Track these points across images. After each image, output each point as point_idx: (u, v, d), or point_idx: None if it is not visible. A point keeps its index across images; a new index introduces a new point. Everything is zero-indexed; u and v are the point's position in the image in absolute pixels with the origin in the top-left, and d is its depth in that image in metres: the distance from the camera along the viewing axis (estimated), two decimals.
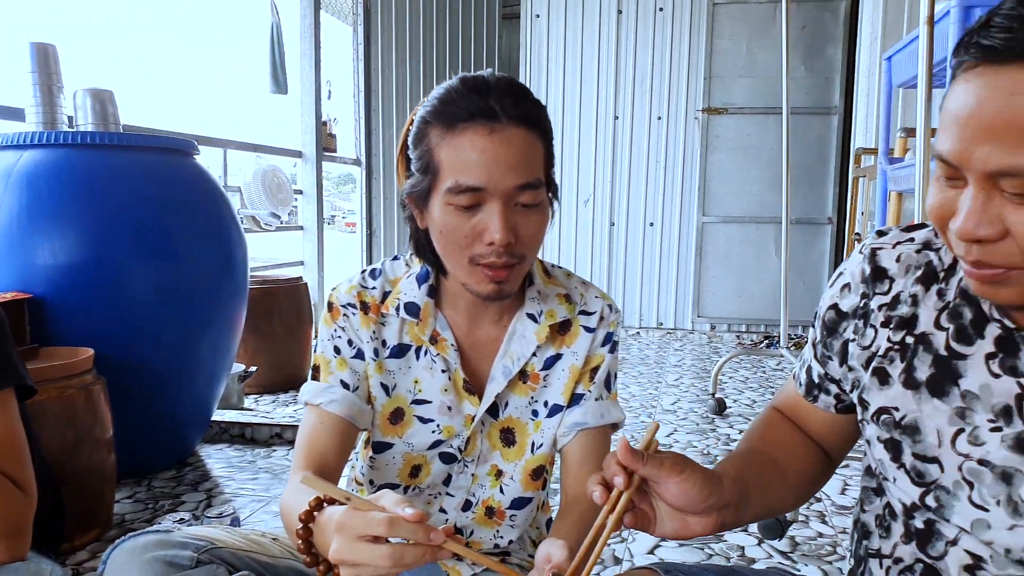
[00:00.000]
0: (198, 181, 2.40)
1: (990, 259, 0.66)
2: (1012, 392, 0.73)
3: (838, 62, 5.20)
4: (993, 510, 0.73)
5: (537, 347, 1.09)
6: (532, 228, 0.97)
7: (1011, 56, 0.60)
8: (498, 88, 0.94)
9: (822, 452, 0.97)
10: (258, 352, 3.39)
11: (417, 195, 0.98)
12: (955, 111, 0.64)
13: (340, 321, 1.08)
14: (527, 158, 0.94)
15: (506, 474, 1.12)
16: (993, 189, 0.63)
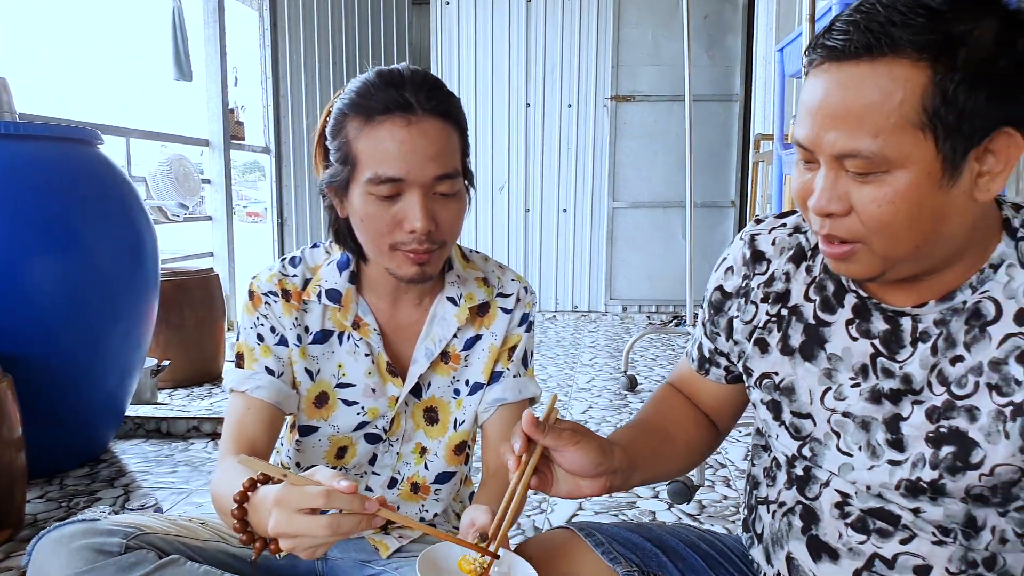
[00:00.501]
0: (103, 171, 2.33)
1: (839, 232, 0.75)
2: (867, 352, 0.84)
3: (738, 51, 5.43)
4: (856, 455, 0.84)
5: (458, 329, 1.13)
6: (451, 216, 1.01)
7: (849, 55, 0.70)
8: (413, 81, 0.98)
9: (711, 424, 1.07)
10: (170, 346, 3.32)
11: (337, 185, 1.01)
12: (807, 102, 0.74)
13: (262, 309, 1.10)
14: (444, 149, 0.98)
15: (430, 451, 1.16)
16: (840, 170, 0.73)
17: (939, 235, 0.73)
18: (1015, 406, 0.75)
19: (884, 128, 0.69)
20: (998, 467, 0.76)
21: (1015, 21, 0.69)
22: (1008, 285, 0.77)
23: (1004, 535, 0.80)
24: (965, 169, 0.70)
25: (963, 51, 0.67)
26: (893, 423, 0.81)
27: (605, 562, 0.94)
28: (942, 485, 0.78)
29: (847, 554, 0.85)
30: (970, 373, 0.77)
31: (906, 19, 0.68)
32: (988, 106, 0.68)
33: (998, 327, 0.76)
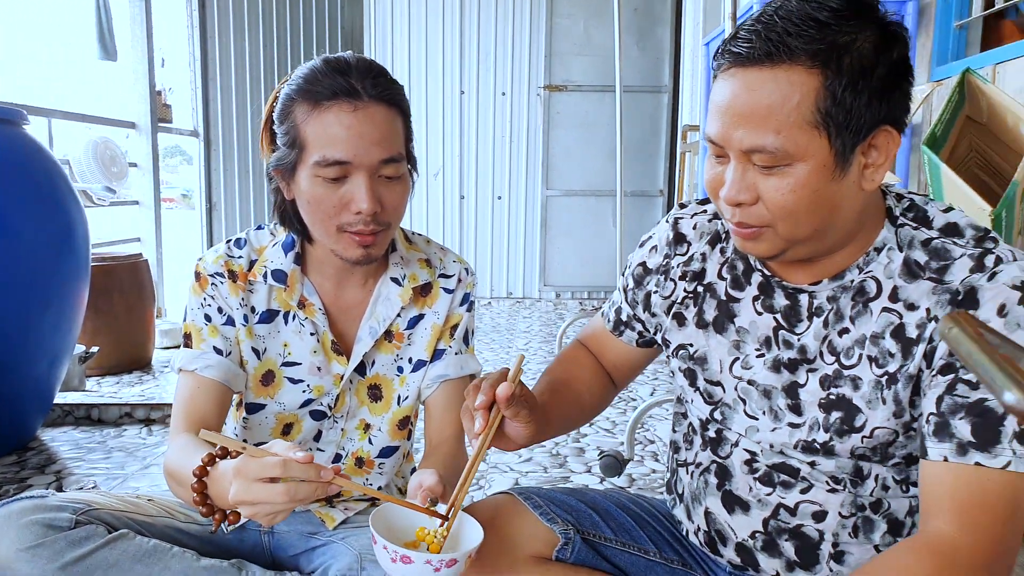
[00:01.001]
0: (30, 153, 2.28)
1: (749, 220, 0.85)
2: (770, 326, 0.94)
3: (667, 43, 5.57)
4: (761, 418, 0.94)
5: (401, 308, 1.18)
6: (396, 198, 1.06)
7: (752, 60, 0.80)
8: (359, 69, 1.03)
9: (610, 380, 1.17)
10: (98, 332, 3.26)
11: (284, 168, 1.05)
12: (717, 103, 0.83)
13: (209, 290, 1.13)
14: (389, 134, 1.03)
15: (373, 426, 1.20)
16: (748, 163, 0.82)
17: (834, 220, 0.83)
18: (889, 375, 0.85)
19: (785, 126, 0.78)
20: (877, 429, 0.86)
21: (890, 32, 0.80)
22: (888, 266, 0.87)
23: (886, 483, 0.91)
24: (854, 162, 0.80)
25: (847, 58, 0.77)
26: (792, 390, 0.91)
27: (543, 522, 1.02)
28: (832, 446, 0.89)
29: (756, 505, 0.95)
30: (856, 345, 0.88)
31: (799, 30, 0.78)
32: (870, 106, 0.78)
33: (877, 303, 0.87)
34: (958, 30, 2.33)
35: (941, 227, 0.86)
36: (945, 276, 0.83)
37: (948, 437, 0.80)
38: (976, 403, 0.79)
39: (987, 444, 0.78)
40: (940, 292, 0.83)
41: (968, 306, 0.80)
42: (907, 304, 0.85)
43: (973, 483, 0.79)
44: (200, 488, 0.89)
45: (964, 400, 0.80)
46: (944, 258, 0.84)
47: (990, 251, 0.82)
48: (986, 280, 0.80)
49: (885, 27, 0.80)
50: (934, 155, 1.68)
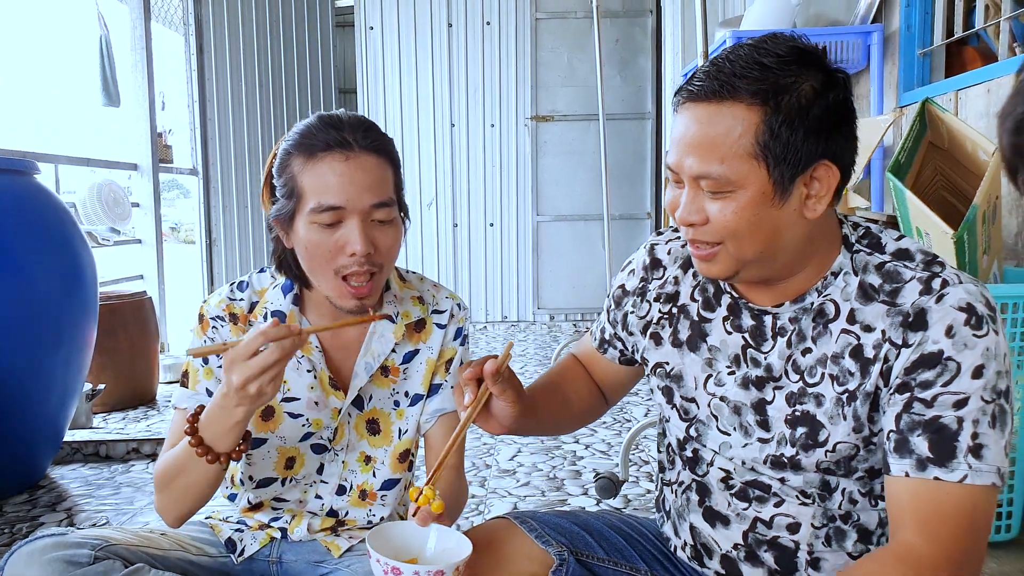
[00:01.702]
0: (41, 201, 2.38)
1: (701, 238, 0.94)
2: (739, 344, 1.02)
3: (649, 72, 5.71)
4: (732, 435, 1.01)
5: (395, 344, 1.22)
6: (388, 241, 1.12)
7: (702, 97, 0.90)
8: (351, 123, 1.10)
9: (601, 394, 1.25)
10: (104, 369, 3.33)
11: (283, 218, 1.11)
12: (674, 135, 0.93)
13: (210, 332, 1.19)
14: (379, 180, 1.10)
15: (375, 459, 1.24)
16: (698, 188, 0.92)
17: (777, 243, 0.91)
18: (849, 393, 0.92)
19: (728, 156, 0.88)
20: (839, 444, 0.93)
21: (831, 78, 0.89)
22: (844, 289, 0.94)
23: (852, 496, 0.97)
24: (794, 192, 0.89)
25: (786, 98, 0.87)
26: (760, 406, 0.99)
27: (539, 545, 1.07)
28: (799, 460, 0.95)
29: (736, 519, 1.02)
30: (818, 364, 0.95)
31: (744, 71, 0.88)
32: (807, 142, 0.87)
33: (836, 324, 0.94)
34: (922, 58, 2.45)
35: (893, 252, 0.93)
36: (897, 299, 0.89)
37: (908, 453, 0.86)
38: (931, 420, 0.85)
39: (944, 459, 0.84)
40: (893, 314, 0.89)
41: (919, 327, 0.87)
42: (864, 326, 0.91)
43: (932, 496, 0.85)
44: (198, 441, 1.03)
45: (920, 418, 0.86)
46: (896, 280, 0.90)
47: (937, 274, 0.89)
48: (934, 302, 0.87)
49: (827, 73, 0.89)
50: (898, 181, 1.78)
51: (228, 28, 5.23)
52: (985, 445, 0.84)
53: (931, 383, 0.86)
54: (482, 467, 2.67)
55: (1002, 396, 0.86)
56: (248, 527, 1.25)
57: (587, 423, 1.25)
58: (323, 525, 1.24)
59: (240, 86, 5.36)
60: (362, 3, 5.64)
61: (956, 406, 0.85)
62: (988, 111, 2.03)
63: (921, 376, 0.86)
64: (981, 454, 0.84)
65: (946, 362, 0.85)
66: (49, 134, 5.42)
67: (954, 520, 0.84)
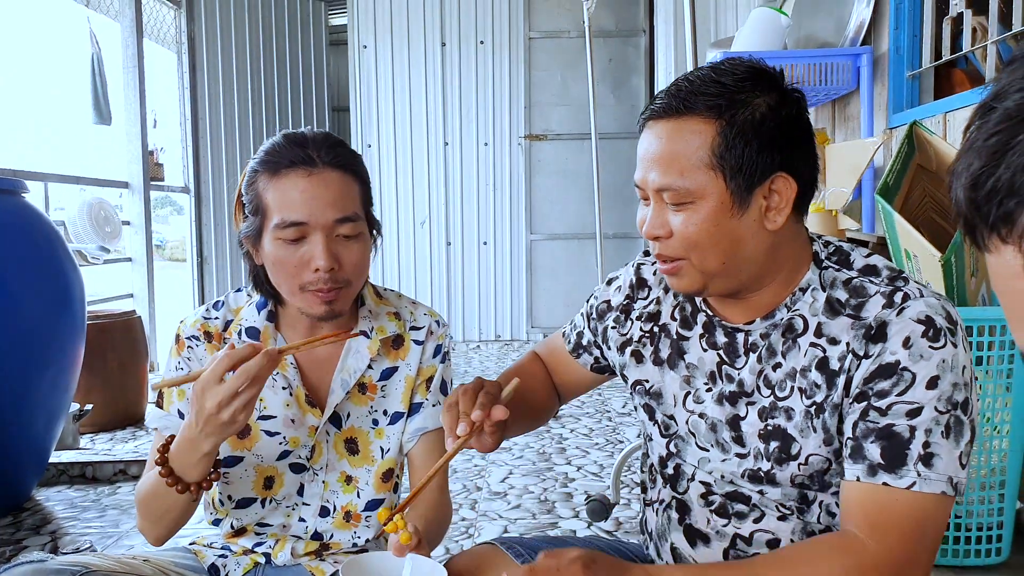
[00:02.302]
0: (30, 220, 2.37)
1: (666, 252, 0.96)
2: (714, 361, 1.03)
3: (642, 91, 5.75)
4: (711, 450, 1.02)
5: (371, 360, 1.22)
6: (354, 256, 1.12)
7: (663, 115, 0.93)
8: (315, 140, 1.11)
9: (556, 396, 1.26)
10: (92, 389, 3.30)
11: (251, 234, 1.13)
12: (639, 152, 0.97)
13: (185, 352, 1.19)
14: (343, 195, 1.10)
15: (356, 479, 1.23)
16: (662, 202, 0.94)
17: (739, 254, 0.93)
18: (817, 405, 0.93)
19: (686, 168, 0.91)
20: (811, 456, 0.94)
21: (786, 96, 0.93)
22: (812, 305, 0.96)
23: (830, 509, 0.98)
24: (753, 203, 0.91)
25: (740, 112, 0.90)
26: (735, 422, 0.99)
27: None
28: (774, 474, 0.96)
29: (716, 537, 1.02)
30: (787, 378, 0.96)
31: (702, 89, 0.91)
32: (761, 154, 0.90)
33: (804, 338, 0.95)
34: (911, 80, 2.46)
35: (860, 268, 0.95)
36: (861, 312, 0.91)
37: (861, 459, 0.88)
38: (885, 428, 0.87)
39: (894, 466, 0.86)
40: (857, 327, 0.91)
41: (879, 339, 0.89)
42: (829, 339, 0.93)
43: (881, 502, 0.87)
44: (167, 471, 1.04)
45: (874, 425, 0.88)
46: (861, 295, 0.93)
47: (900, 288, 0.91)
48: (895, 315, 0.89)
49: (781, 92, 0.93)
50: (887, 203, 1.78)
51: (221, 46, 5.25)
52: (936, 454, 0.86)
53: (887, 392, 0.88)
54: (473, 489, 2.65)
55: (958, 407, 0.87)
56: (232, 552, 1.24)
57: (539, 426, 1.26)
58: (307, 549, 1.23)
59: (233, 104, 5.37)
60: (356, 22, 5.67)
61: (909, 415, 0.87)
62: None
63: (878, 385, 0.88)
64: (932, 463, 0.85)
65: (902, 372, 0.87)
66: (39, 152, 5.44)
67: (901, 525, 0.85)
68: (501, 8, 5.65)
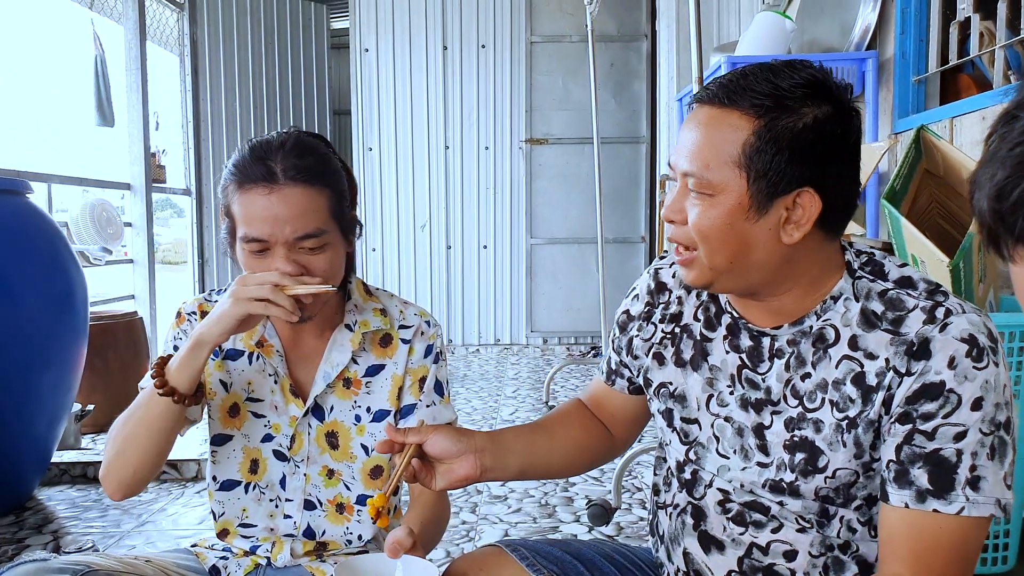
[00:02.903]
0: (33, 221, 2.37)
1: (679, 238, 0.95)
2: (736, 364, 1.02)
3: (644, 96, 5.75)
4: (732, 458, 1.00)
5: (355, 354, 1.23)
6: (321, 264, 1.13)
7: (708, 100, 0.92)
8: (283, 150, 1.11)
9: (604, 431, 1.22)
10: (94, 390, 3.29)
11: (227, 237, 1.17)
12: (679, 134, 0.96)
13: (184, 326, 1.24)
14: (304, 212, 1.10)
15: (339, 473, 1.24)
16: (686, 187, 0.93)
17: (747, 258, 0.92)
18: (849, 420, 0.91)
19: (713, 160, 0.89)
20: (839, 470, 0.93)
21: (839, 111, 0.89)
22: (845, 315, 0.94)
23: (851, 524, 0.96)
24: (772, 211, 0.89)
25: (782, 118, 0.87)
26: (759, 430, 0.98)
27: (530, 574, 1.06)
28: (797, 486, 0.94)
29: (731, 545, 1.00)
30: (818, 389, 0.94)
31: (753, 84, 0.89)
32: (791, 165, 0.88)
33: (836, 349, 0.93)
34: (917, 85, 2.46)
35: (896, 279, 0.93)
36: (901, 328, 0.89)
37: (908, 484, 0.86)
38: (932, 453, 0.86)
39: (943, 491, 0.85)
40: (897, 343, 0.89)
41: (922, 356, 0.86)
42: (866, 353, 0.91)
43: (928, 528, 0.85)
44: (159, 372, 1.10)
45: (921, 449, 0.86)
46: (899, 308, 0.90)
47: (940, 304, 0.89)
48: (938, 332, 0.86)
49: (838, 107, 0.90)
50: (894, 209, 1.78)
51: (223, 49, 5.25)
52: (983, 477, 0.85)
53: (932, 415, 0.86)
54: (473, 493, 2.65)
55: (1001, 428, 0.86)
56: (233, 554, 1.24)
57: (590, 461, 1.22)
58: (306, 549, 1.24)
59: (235, 107, 5.37)
60: (358, 25, 5.67)
61: (956, 438, 0.85)
62: (982, 139, 2.05)
63: (923, 407, 0.87)
64: (979, 486, 0.84)
65: (947, 394, 0.86)
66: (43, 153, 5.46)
67: (946, 553, 0.85)
68: (503, 12, 5.66)
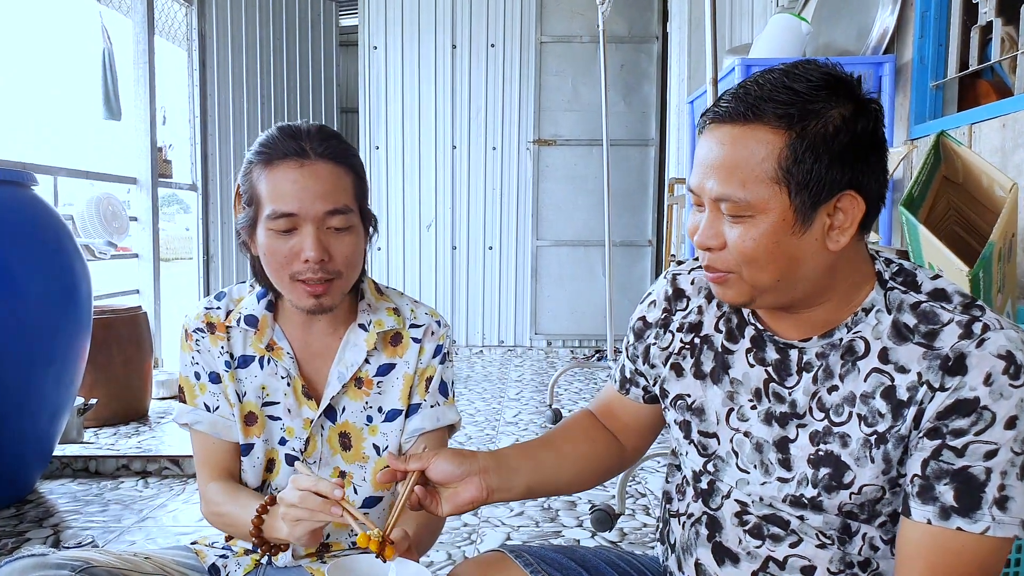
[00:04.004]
0: (38, 214, 2.35)
1: (717, 264, 0.91)
2: (762, 378, 0.98)
3: (654, 99, 5.73)
4: (752, 472, 0.98)
5: (368, 354, 1.22)
6: (345, 249, 1.12)
7: (727, 119, 0.88)
8: (309, 133, 1.12)
9: (614, 442, 1.19)
10: (97, 384, 3.28)
11: (247, 225, 1.14)
12: (697, 156, 0.91)
13: (194, 346, 1.21)
14: (334, 188, 1.11)
15: (350, 475, 1.23)
16: (718, 212, 0.89)
17: (795, 273, 0.89)
18: (878, 435, 0.89)
19: (748, 179, 0.85)
20: (865, 487, 0.90)
21: (863, 107, 0.87)
22: (876, 327, 0.91)
23: (873, 542, 0.93)
24: (816, 221, 0.86)
25: (812, 124, 0.84)
26: (783, 444, 0.95)
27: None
28: (820, 501, 0.92)
29: (746, 558, 0.98)
30: (845, 403, 0.91)
31: (772, 95, 0.85)
32: (831, 170, 0.85)
33: (866, 362, 0.91)
34: (935, 90, 2.43)
35: (929, 292, 0.90)
36: (935, 342, 0.86)
37: (932, 500, 0.84)
38: (960, 470, 0.83)
39: (969, 510, 0.82)
40: (931, 358, 0.86)
41: (957, 372, 0.84)
42: (898, 367, 0.88)
43: (950, 547, 0.83)
44: (258, 524, 1.06)
45: (949, 466, 0.83)
46: (933, 322, 0.87)
47: (977, 318, 0.86)
48: (975, 347, 0.84)
49: (860, 102, 0.87)
50: (911, 216, 1.75)
51: (231, 44, 5.23)
52: (1011, 497, 0.82)
53: (964, 431, 0.83)
54: None
55: None
56: (233, 553, 1.23)
57: (600, 474, 1.18)
58: (308, 550, 1.22)
59: (242, 102, 5.35)
60: (367, 23, 5.66)
61: (986, 456, 0.83)
62: (1003, 146, 2.02)
63: (954, 423, 0.84)
64: (1006, 506, 0.82)
65: (981, 411, 0.83)
66: (50, 146, 5.43)
67: (967, 572, 0.83)
68: (513, 11, 5.64)
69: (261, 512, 1.06)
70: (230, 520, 1.15)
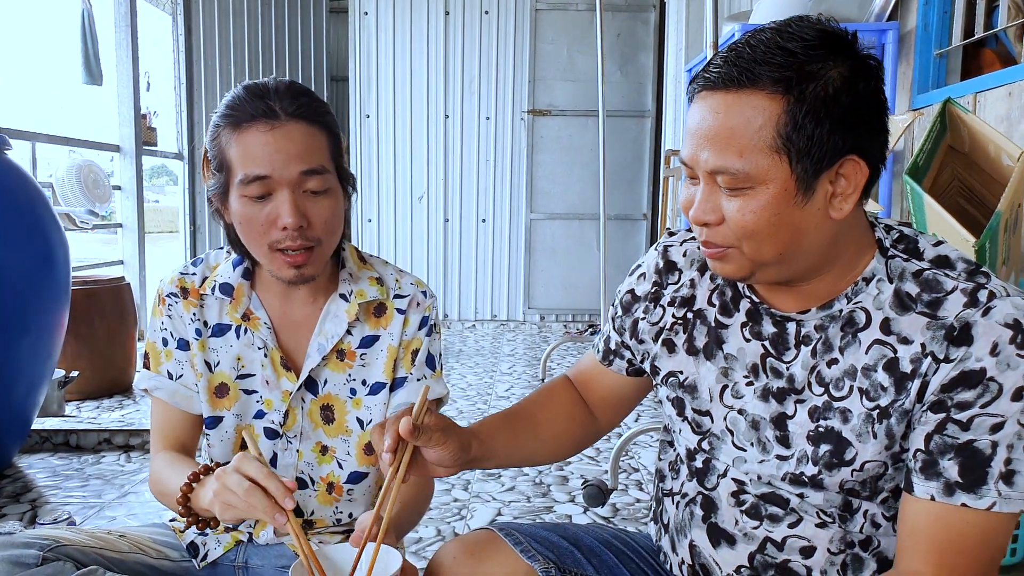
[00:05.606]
0: (11, 179, 2.27)
1: (715, 239, 0.86)
2: (758, 353, 0.94)
3: (650, 69, 5.63)
4: (749, 450, 0.94)
5: (351, 325, 1.17)
6: (324, 212, 1.06)
7: (719, 86, 0.81)
8: (278, 91, 1.06)
9: (589, 417, 1.15)
10: (79, 356, 3.22)
11: (218, 192, 1.08)
12: (689, 126, 0.85)
13: (166, 311, 1.17)
14: (308, 148, 1.05)
15: (333, 449, 1.19)
16: (714, 184, 0.84)
17: (799, 244, 0.84)
18: (881, 409, 0.85)
19: (746, 149, 0.80)
20: (867, 463, 0.86)
21: (862, 65, 0.81)
22: (877, 297, 0.87)
23: (875, 519, 0.90)
24: (818, 189, 0.81)
25: (811, 87, 0.78)
26: (780, 421, 0.91)
27: (524, 560, 1.00)
28: (821, 479, 0.88)
29: (743, 539, 0.94)
30: (845, 377, 0.87)
31: (766, 58, 0.79)
32: (833, 135, 0.79)
33: (867, 333, 0.86)
34: (938, 59, 2.37)
35: (932, 259, 0.86)
36: (939, 311, 0.83)
37: (935, 476, 0.81)
38: (965, 444, 0.80)
39: (974, 485, 0.79)
40: (935, 328, 0.82)
41: (962, 342, 0.80)
42: (900, 338, 0.84)
43: (954, 523, 0.80)
44: (187, 492, 1.01)
45: (954, 440, 0.80)
46: (936, 290, 0.84)
47: (983, 286, 0.82)
48: (980, 316, 0.80)
49: (858, 60, 0.81)
50: (917, 185, 1.69)
51: (218, 9, 5.10)
52: (1018, 471, 0.79)
53: (969, 404, 0.80)
54: None
55: None
56: (213, 530, 1.19)
57: (570, 451, 1.16)
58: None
59: (229, 69, 5.24)
60: None
61: (992, 430, 0.79)
62: (1008, 115, 1.96)
63: (959, 395, 0.80)
64: (1013, 480, 0.79)
65: (988, 383, 0.79)
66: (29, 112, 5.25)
67: (972, 551, 0.80)
68: None
69: (192, 480, 1.01)
70: (164, 489, 1.09)
